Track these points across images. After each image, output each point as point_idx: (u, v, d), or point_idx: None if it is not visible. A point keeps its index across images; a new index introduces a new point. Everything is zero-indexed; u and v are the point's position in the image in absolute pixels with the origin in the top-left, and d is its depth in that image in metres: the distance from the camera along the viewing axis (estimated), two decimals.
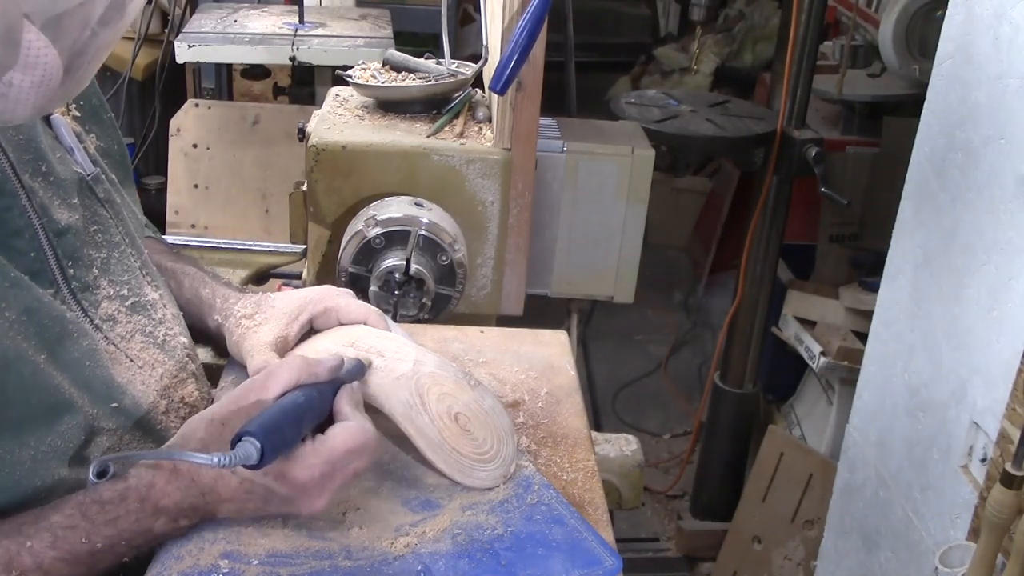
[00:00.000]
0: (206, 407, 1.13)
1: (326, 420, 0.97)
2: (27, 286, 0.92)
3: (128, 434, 1.01)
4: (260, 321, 1.17)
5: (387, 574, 0.93)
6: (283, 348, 1.15)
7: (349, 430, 0.95)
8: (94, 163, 1.09)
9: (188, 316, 1.22)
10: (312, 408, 0.95)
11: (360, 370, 1.04)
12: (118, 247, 1.08)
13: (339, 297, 1.19)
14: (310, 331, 1.19)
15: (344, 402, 0.98)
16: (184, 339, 1.15)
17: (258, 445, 0.86)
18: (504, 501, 1.03)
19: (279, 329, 1.16)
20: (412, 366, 1.07)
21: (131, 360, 1.04)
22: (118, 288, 1.06)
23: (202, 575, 0.90)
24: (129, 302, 1.07)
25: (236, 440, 0.87)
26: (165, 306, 1.14)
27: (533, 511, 1.02)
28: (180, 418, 1.09)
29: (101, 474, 0.90)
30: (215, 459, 0.85)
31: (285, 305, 1.18)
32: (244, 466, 0.87)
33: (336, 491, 0.95)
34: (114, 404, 0.99)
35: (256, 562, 0.92)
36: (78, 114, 1.12)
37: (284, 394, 0.95)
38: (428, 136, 1.68)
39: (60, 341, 0.94)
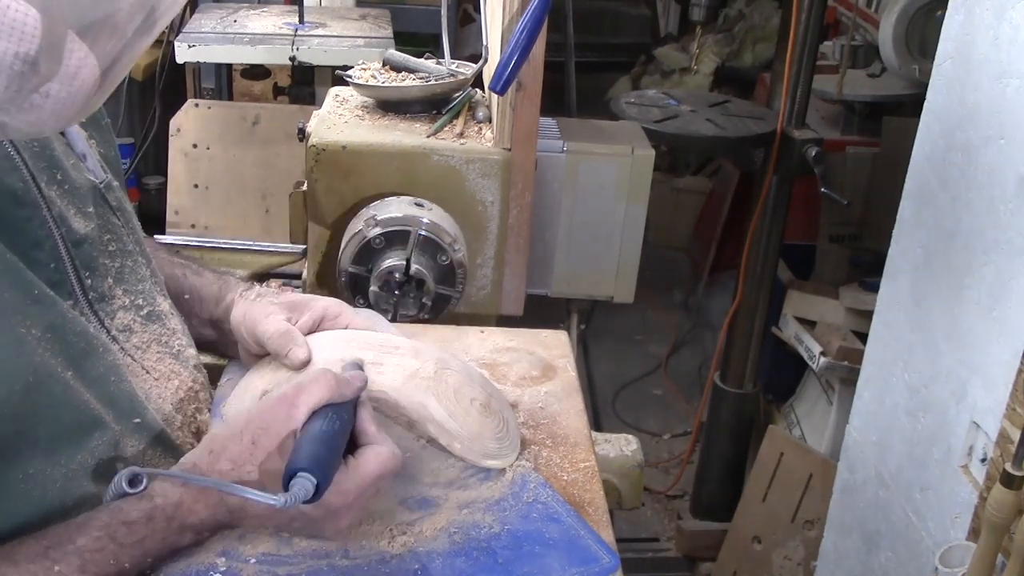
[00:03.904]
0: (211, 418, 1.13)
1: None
2: (51, 302, 0.91)
3: (150, 449, 0.99)
4: (274, 300, 1.17)
5: (384, 573, 0.93)
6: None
7: (381, 456, 0.94)
8: (104, 169, 1.07)
9: (184, 312, 1.20)
10: (345, 433, 0.95)
11: (365, 381, 1.04)
12: (131, 256, 1.06)
13: (352, 312, 1.20)
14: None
15: (368, 421, 0.98)
16: (192, 350, 1.14)
17: (314, 481, 0.86)
18: (501, 500, 1.03)
19: (290, 313, 1.16)
20: (420, 363, 1.09)
21: (147, 372, 1.03)
22: (133, 298, 1.05)
23: (199, 573, 0.90)
24: (144, 312, 1.05)
25: (290, 475, 0.87)
26: (174, 315, 1.13)
27: (530, 509, 1.02)
28: (192, 432, 1.08)
29: (132, 482, 0.90)
30: (280, 500, 0.84)
31: (298, 296, 1.19)
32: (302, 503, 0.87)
33: (360, 512, 0.96)
34: (137, 420, 0.98)
35: (253, 560, 0.92)
36: (83, 119, 1.11)
37: (313, 413, 0.94)
38: (428, 136, 1.68)
39: (85, 357, 0.93)
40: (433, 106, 1.78)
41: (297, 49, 2.58)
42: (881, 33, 2.79)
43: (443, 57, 1.83)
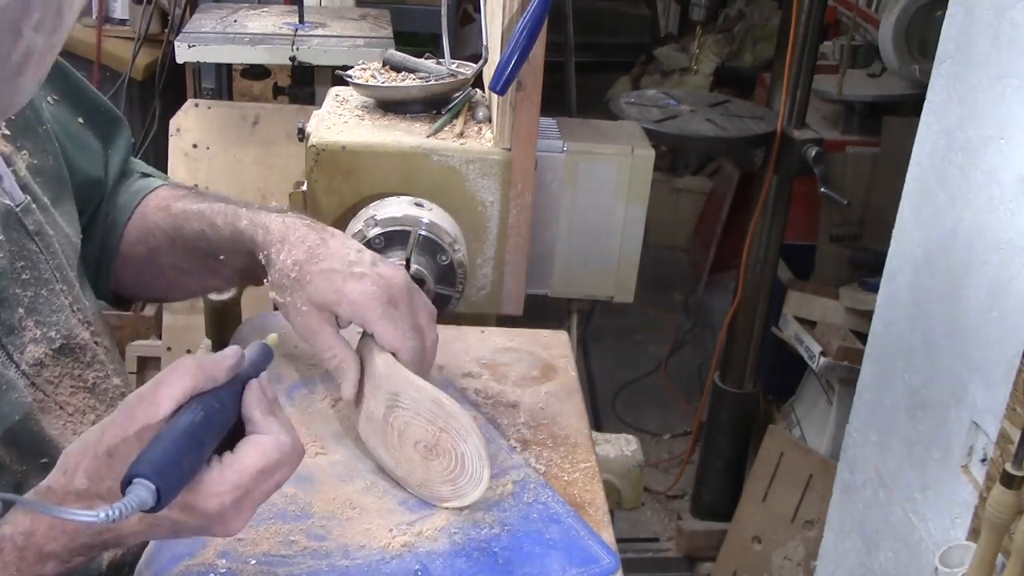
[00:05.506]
0: None
1: (237, 424, 0.85)
2: None
3: None
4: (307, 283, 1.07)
5: (384, 573, 0.93)
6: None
7: (261, 446, 0.82)
8: (24, 188, 0.99)
9: (235, 256, 1.13)
10: (213, 423, 0.82)
11: (266, 357, 0.90)
12: (47, 284, 1.00)
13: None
14: None
15: (253, 406, 0.85)
16: (117, 380, 1.07)
17: (152, 487, 0.75)
18: (501, 500, 1.03)
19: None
20: (375, 403, 1.05)
21: (60, 408, 0.98)
22: (45, 330, 0.98)
23: (200, 574, 0.90)
24: (57, 344, 1.00)
25: (126, 482, 0.75)
26: (97, 344, 1.06)
27: (530, 510, 1.02)
28: None
29: None
30: (101, 515, 0.73)
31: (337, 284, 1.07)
32: (141, 511, 0.75)
33: (255, 509, 0.84)
34: (44, 460, 0.92)
35: (253, 561, 0.92)
36: (7, 132, 1.01)
37: (178, 409, 0.81)
38: (428, 136, 1.67)
39: None
40: (433, 106, 1.78)
41: (297, 49, 2.58)
42: (881, 33, 2.79)
43: (443, 57, 1.83)
